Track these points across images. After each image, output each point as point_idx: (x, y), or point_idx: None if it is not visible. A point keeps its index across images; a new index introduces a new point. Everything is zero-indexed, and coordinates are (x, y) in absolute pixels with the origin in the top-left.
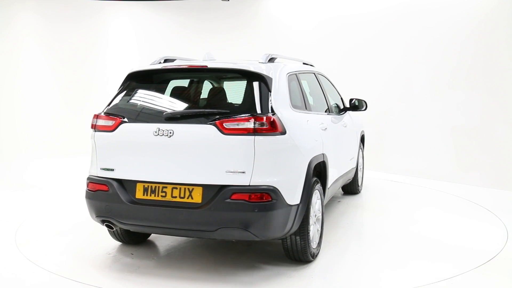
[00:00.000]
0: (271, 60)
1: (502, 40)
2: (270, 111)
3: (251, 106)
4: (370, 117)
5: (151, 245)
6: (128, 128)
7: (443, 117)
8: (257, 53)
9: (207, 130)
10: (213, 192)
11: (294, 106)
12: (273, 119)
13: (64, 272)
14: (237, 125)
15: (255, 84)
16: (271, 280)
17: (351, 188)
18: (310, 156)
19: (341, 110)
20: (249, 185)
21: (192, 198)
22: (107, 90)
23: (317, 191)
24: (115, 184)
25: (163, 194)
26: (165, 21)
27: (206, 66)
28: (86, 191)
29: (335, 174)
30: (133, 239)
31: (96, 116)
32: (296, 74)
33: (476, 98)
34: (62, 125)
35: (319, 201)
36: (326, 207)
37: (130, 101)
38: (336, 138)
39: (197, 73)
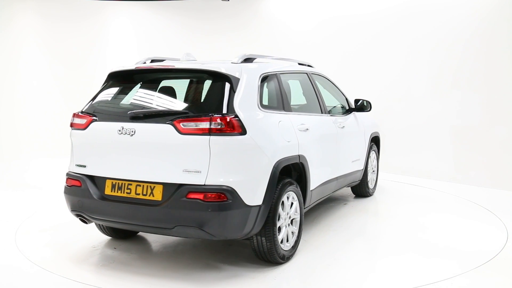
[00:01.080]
0: (248, 60)
1: (503, 40)
2: (230, 112)
3: (210, 106)
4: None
5: (139, 240)
6: (97, 127)
7: (443, 117)
8: (257, 53)
9: (165, 130)
10: (172, 190)
11: (265, 106)
12: (230, 119)
13: (46, 264)
14: (193, 125)
15: (219, 85)
16: (231, 280)
17: (360, 190)
18: (277, 157)
19: (347, 111)
20: (204, 185)
21: (153, 196)
22: None
23: (291, 192)
24: (87, 180)
25: (128, 191)
26: (165, 21)
27: (174, 67)
28: (64, 186)
29: (324, 176)
30: (119, 234)
31: (74, 115)
32: (276, 75)
33: (476, 98)
34: (62, 125)
35: (296, 203)
36: (327, 210)
37: (105, 100)
38: (325, 139)
39: (166, 74)
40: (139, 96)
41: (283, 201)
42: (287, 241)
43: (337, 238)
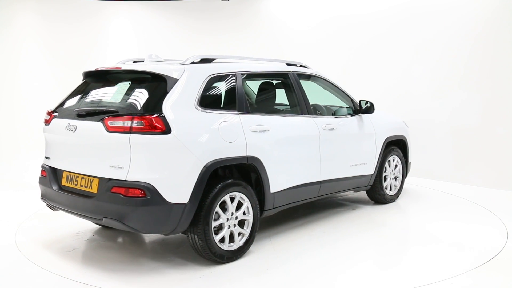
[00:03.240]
0: (205, 61)
1: (504, 41)
2: (156, 111)
3: (137, 105)
4: None
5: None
6: (55, 123)
7: (443, 117)
8: (257, 53)
9: (97, 127)
10: (104, 184)
11: (208, 106)
12: (151, 119)
13: (22, 247)
14: (117, 123)
15: (153, 85)
16: (151, 274)
17: (375, 196)
18: (210, 157)
19: (354, 113)
20: (125, 180)
21: (91, 188)
22: None
23: (238, 193)
24: (50, 171)
25: (76, 182)
26: (165, 21)
27: (120, 68)
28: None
29: (295, 179)
30: None
31: (46, 112)
32: (236, 75)
33: (476, 98)
34: None
35: (246, 204)
36: (329, 215)
37: (70, 98)
38: (295, 141)
39: (118, 75)
40: (92, 95)
41: (224, 201)
42: (233, 241)
43: (308, 244)
